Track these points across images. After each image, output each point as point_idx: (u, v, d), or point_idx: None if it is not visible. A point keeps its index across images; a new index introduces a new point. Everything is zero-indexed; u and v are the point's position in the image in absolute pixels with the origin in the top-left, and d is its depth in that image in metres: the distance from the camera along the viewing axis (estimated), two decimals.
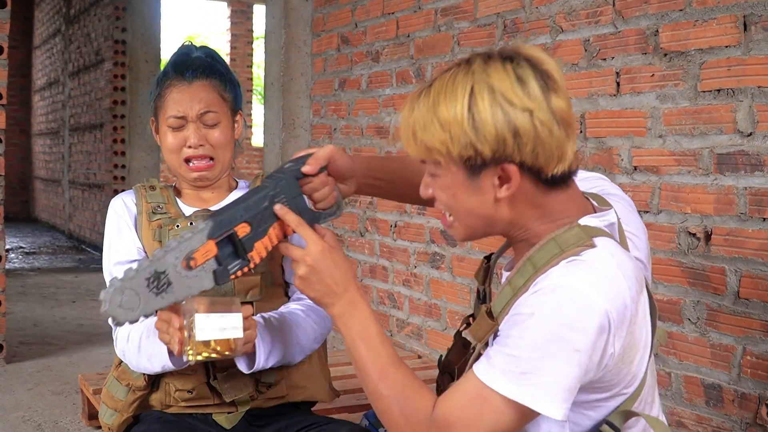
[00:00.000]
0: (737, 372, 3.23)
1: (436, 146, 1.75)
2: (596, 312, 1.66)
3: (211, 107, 2.55)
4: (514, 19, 4.33)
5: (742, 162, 3.18)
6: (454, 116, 1.71)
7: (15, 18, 6.60)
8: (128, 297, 1.89)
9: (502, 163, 1.73)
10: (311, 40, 6.40)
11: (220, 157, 2.60)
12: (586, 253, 1.73)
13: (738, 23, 3.18)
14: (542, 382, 1.66)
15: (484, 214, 1.82)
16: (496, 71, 1.72)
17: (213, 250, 1.94)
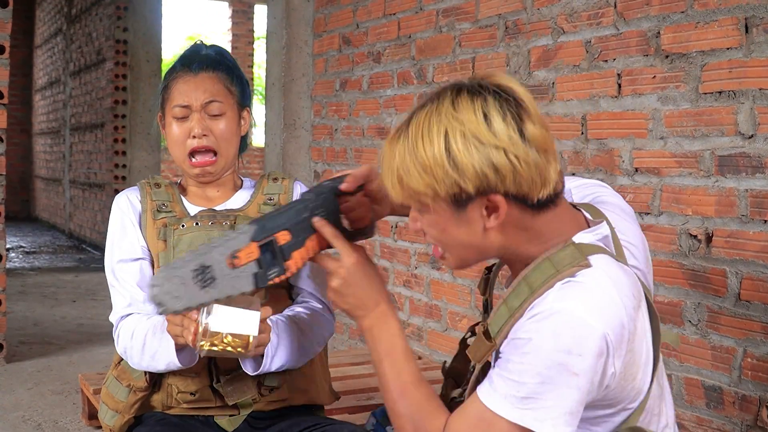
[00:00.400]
0: (738, 374, 3.23)
1: (422, 190, 1.75)
2: (594, 336, 1.66)
3: (215, 97, 2.55)
4: (515, 20, 4.34)
5: (744, 164, 3.18)
6: (434, 158, 1.71)
7: (16, 17, 6.60)
8: (176, 285, 1.90)
9: (488, 194, 1.73)
10: (312, 40, 6.40)
11: (224, 151, 2.57)
12: (581, 273, 1.73)
13: (739, 25, 3.18)
14: (544, 407, 1.67)
15: (475, 245, 1.83)
16: (464, 111, 1.72)
17: (255, 253, 1.96)
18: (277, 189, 2.66)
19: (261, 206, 2.59)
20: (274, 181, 2.69)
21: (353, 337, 5.82)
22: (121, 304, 2.53)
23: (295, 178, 2.73)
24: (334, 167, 6.06)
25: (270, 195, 2.64)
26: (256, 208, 2.59)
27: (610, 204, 2.03)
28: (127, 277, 2.53)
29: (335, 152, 6.06)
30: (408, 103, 5.22)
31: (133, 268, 2.53)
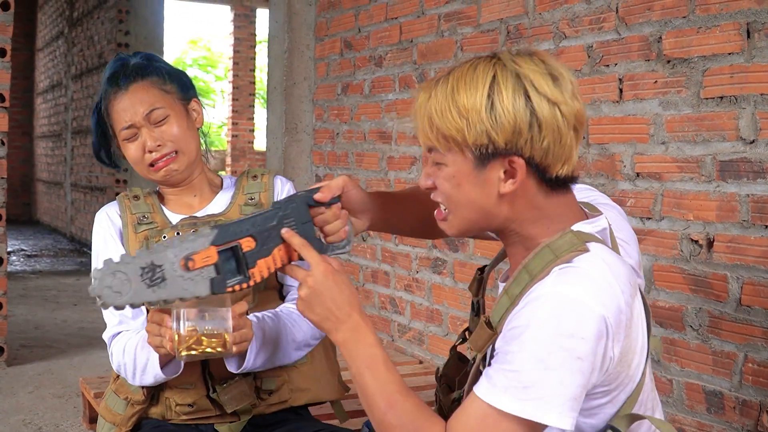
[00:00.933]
0: (738, 379, 3.23)
1: (451, 133, 1.76)
2: (594, 318, 1.66)
3: (153, 105, 2.48)
4: (517, 25, 4.34)
5: (745, 169, 3.18)
6: (473, 103, 1.73)
7: (17, 20, 6.61)
8: (119, 281, 1.86)
9: (512, 155, 1.75)
10: (314, 44, 6.41)
11: (184, 148, 2.50)
12: (578, 259, 1.73)
13: (741, 30, 3.18)
14: (547, 394, 1.65)
15: (484, 208, 1.82)
16: (525, 62, 1.77)
17: (213, 257, 1.91)
18: (257, 187, 2.61)
19: (242, 207, 2.56)
20: (253, 178, 2.64)
21: None
22: (111, 322, 2.51)
23: (275, 173, 2.69)
24: (335, 171, 6.07)
25: (250, 194, 2.59)
26: (237, 210, 2.55)
27: (607, 204, 2.05)
28: None
29: (337, 156, 6.06)
30: (410, 108, 5.21)
31: None
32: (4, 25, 5.36)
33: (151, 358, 2.30)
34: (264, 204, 2.56)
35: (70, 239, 13.50)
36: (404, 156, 5.28)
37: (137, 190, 2.64)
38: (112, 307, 1.87)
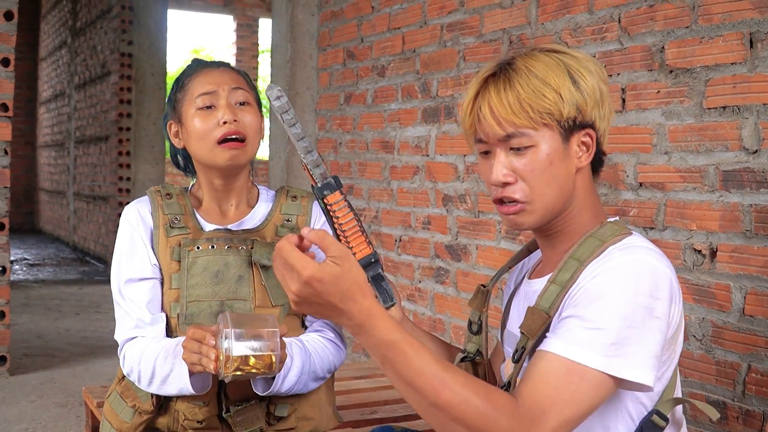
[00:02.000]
0: (742, 389, 3.23)
1: (549, 108, 1.84)
2: (666, 280, 1.76)
3: (241, 84, 2.47)
4: (519, 35, 4.34)
5: (748, 179, 3.18)
6: (562, 81, 1.86)
7: (21, 30, 6.62)
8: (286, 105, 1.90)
9: (588, 128, 1.91)
10: (317, 54, 6.41)
11: (251, 141, 2.45)
12: (629, 239, 1.84)
13: (744, 40, 3.19)
14: (633, 352, 1.69)
15: (566, 186, 1.91)
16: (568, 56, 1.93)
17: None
18: (296, 209, 2.58)
19: (278, 228, 2.52)
20: (293, 199, 2.60)
21: (356, 350, 5.82)
22: (127, 324, 2.44)
23: (314, 198, 2.54)
24: None
25: (288, 215, 2.56)
26: (273, 230, 2.52)
27: None
28: (135, 297, 2.43)
29: (339, 166, 6.07)
30: (412, 117, 5.23)
31: (143, 288, 2.44)
32: (7, 34, 5.37)
33: (177, 370, 2.26)
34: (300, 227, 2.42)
35: (73, 248, 13.50)
36: (407, 165, 5.29)
37: (170, 187, 2.56)
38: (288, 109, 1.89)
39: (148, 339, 2.40)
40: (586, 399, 1.69)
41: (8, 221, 5.45)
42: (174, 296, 2.43)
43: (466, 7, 4.75)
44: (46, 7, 16.23)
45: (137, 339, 2.42)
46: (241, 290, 2.42)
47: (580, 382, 1.68)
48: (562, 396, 1.68)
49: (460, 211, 4.82)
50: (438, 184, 5.01)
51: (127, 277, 2.45)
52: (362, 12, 5.81)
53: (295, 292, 1.64)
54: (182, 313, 2.40)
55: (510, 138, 1.88)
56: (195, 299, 2.40)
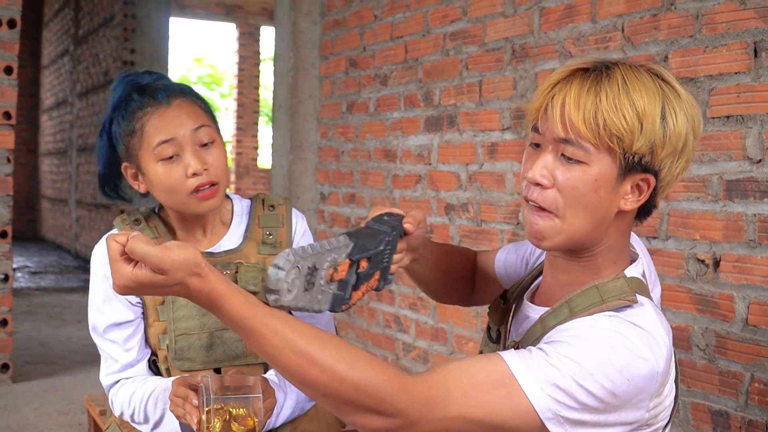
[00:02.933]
0: (745, 399, 3.22)
1: (623, 134, 1.64)
2: (647, 372, 1.61)
3: (203, 122, 2.24)
4: (522, 44, 4.34)
5: (752, 189, 3.18)
6: (651, 109, 1.65)
7: (23, 38, 6.62)
8: (293, 276, 1.66)
9: (650, 173, 1.71)
10: (319, 62, 6.42)
11: (222, 182, 2.27)
12: (632, 311, 1.69)
13: (748, 49, 3.19)
14: (567, 402, 1.58)
15: (603, 221, 1.73)
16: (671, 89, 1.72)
17: (345, 271, 1.77)
18: (274, 221, 2.44)
19: (260, 246, 2.40)
20: (270, 209, 2.46)
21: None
22: (111, 367, 2.37)
23: (290, 203, 2.51)
24: (340, 189, 6.07)
25: (268, 229, 2.42)
26: (255, 248, 2.39)
27: (636, 241, 2.01)
28: (117, 339, 2.34)
29: (341, 174, 6.07)
30: (415, 126, 5.23)
31: (124, 332, 2.34)
32: (10, 42, 5.37)
33: (168, 416, 2.21)
34: (282, 243, 2.42)
35: (75, 256, 13.50)
36: (409, 174, 5.28)
37: (136, 213, 2.40)
38: (279, 306, 1.66)
39: (133, 381, 2.34)
40: (499, 414, 1.58)
41: (11, 229, 5.46)
42: (161, 328, 2.33)
43: (468, 16, 4.76)
44: (49, 15, 16.26)
45: (121, 382, 2.36)
46: None
47: (506, 397, 1.58)
48: (478, 396, 1.59)
49: (462, 219, 4.82)
50: (440, 192, 5.00)
51: (106, 324, 2.34)
52: (365, 21, 5.81)
53: (121, 288, 1.58)
54: (172, 348, 2.31)
55: (566, 143, 1.69)
56: (183, 332, 2.31)
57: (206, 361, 2.33)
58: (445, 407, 1.58)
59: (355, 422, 1.60)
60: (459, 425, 1.59)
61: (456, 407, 1.58)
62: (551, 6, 4.15)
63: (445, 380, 1.59)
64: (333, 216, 6.17)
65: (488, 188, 4.59)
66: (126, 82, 2.31)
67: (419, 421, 1.58)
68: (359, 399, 1.56)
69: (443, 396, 1.58)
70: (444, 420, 1.58)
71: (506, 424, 1.59)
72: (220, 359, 2.34)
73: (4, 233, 5.42)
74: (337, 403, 1.58)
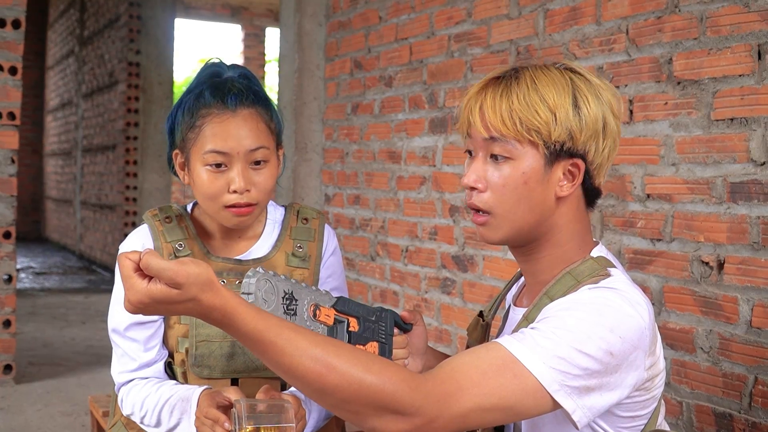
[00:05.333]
0: (748, 401, 3.22)
1: (537, 126, 1.78)
2: (635, 326, 1.69)
3: (262, 143, 2.22)
4: (527, 46, 4.34)
5: (756, 191, 3.18)
6: (561, 101, 1.79)
7: (28, 38, 6.63)
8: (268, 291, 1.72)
9: (577, 158, 1.82)
10: (324, 64, 6.42)
11: (263, 202, 2.26)
12: (607, 280, 1.76)
13: (752, 52, 3.18)
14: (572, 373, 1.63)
15: (541, 210, 1.84)
16: (585, 74, 1.87)
17: (332, 319, 1.86)
18: (306, 234, 2.40)
19: (289, 257, 2.37)
20: (303, 222, 2.42)
21: None
22: (127, 366, 2.33)
23: (325, 219, 2.48)
24: (345, 191, 6.07)
25: (299, 242, 2.39)
26: (284, 259, 2.36)
27: None
28: (139, 338, 2.31)
29: (346, 176, 6.07)
30: (419, 127, 5.23)
31: (145, 331, 2.31)
32: (14, 43, 5.38)
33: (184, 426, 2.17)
34: (312, 257, 2.39)
35: (79, 257, 13.51)
36: (414, 176, 5.29)
37: (168, 209, 2.36)
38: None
39: (148, 383, 2.31)
40: (510, 397, 1.63)
41: (15, 230, 5.46)
42: (182, 331, 2.31)
43: (473, 17, 4.76)
44: (54, 16, 16.27)
45: (135, 382, 2.32)
46: None
47: (513, 378, 1.63)
48: (488, 383, 1.62)
49: (466, 221, 4.82)
50: (445, 194, 5.00)
51: (129, 322, 2.30)
52: (370, 22, 5.81)
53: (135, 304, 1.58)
54: (192, 354, 2.28)
55: (493, 142, 1.83)
56: (205, 339, 2.28)
57: (226, 370, 2.30)
58: (459, 400, 1.61)
59: (375, 426, 1.63)
60: (477, 415, 1.63)
61: (470, 398, 1.61)
62: (556, 8, 4.15)
63: (454, 375, 1.63)
64: (338, 217, 6.17)
65: None
66: (208, 72, 2.30)
67: (438, 418, 1.61)
68: (378, 401, 1.58)
69: (456, 390, 1.61)
70: (461, 412, 1.62)
71: (519, 405, 1.64)
72: (240, 370, 2.31)
73: (8, 234, 5.42)
74: (357, 408, 1.60)
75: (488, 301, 4.54)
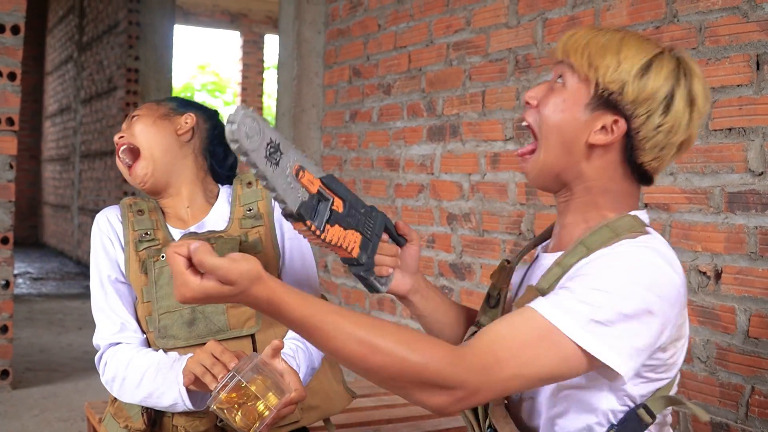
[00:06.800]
0: (745, 411, 3.22)
1: (598, 65, 1.81)
2: (671, 282, 1.70)
3: (141, 113, 2.50)
4: (525, 55, 4.35)
5: (753, 201, 3.18)
6: (633, 58, 1.80)
7: (27, 44, 6.63)
8: (253, 128, 1.68)
9: (620, 117, 1.81)
10: (323, 71, 6.43)
11: (146, 152, 2.45)
12: (645, 237, 1.77)
13: (751, 62, 3.19)
14: (615, 335, 1.64)
15: (570, 145, 1.85)
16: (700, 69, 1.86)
17: (315, 187, 1.82)
18: (254, 196, 2.50)
19: (242, 221, 2.46)
20: (248, 186, 2.53)
21: None
22: (109, 329, 2.40)
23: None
24: None
25: (248, 205, 2.49)
26: (238, 225, 2.45)
27: None
28: (118, 298, 2.40)
29: (344, 183, 6.06)
30: (417, 135, 5.23)
31: (124, 291, 2.41)
32: (13, 48, 5.38)
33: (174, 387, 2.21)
34: (263, 214, 2.48)
35: (77, 262, 13.49)
36: (411, 183, 5.29)
37: (142, 203, 2.50)
38: (243, 152, 1.66)
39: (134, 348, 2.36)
40: (549, 365, 1.64)
41: (12, 235, 5.45)
42: (147, 310, 2.37)
43: (472, 26, 4.76)
44: (53, 22, 16.28)
45: (122, 346, 2.38)
46: None
47: (551, 347, 1.64)
48: (526, 353, 1.64)
49: (464, 229, 4.82)
50: (443, 202, 5.01)
51: (108, 274, 2.41)
52: (368, 30, 5.82)
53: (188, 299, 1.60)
54: (155, 327, 2.34)
55: (560, 65, 1.89)
56: (166, 310, 2.34)
57: (189, 337, 2.34)
58: (500, 371, 1.63)
59: (420, 400, 1.66)
60: (516, 384, 1.66)
61: (509, 369, 1.63)
62: (554, 17, 4.16)
63: (492, 346, 1.64)
64: None
65: (490, 198, 4.60)
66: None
67: (480, 389, 1.63)
68: (423, 377, 1.61)
69: (495, 361, 1.63)
70: (501, 382, 1.64)
71: (557, 372, 1.66)
72: (203, 334, 2.34)
73: (5, 239, 5.42)
74: (402, 384, 1.64)
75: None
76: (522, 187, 4.39)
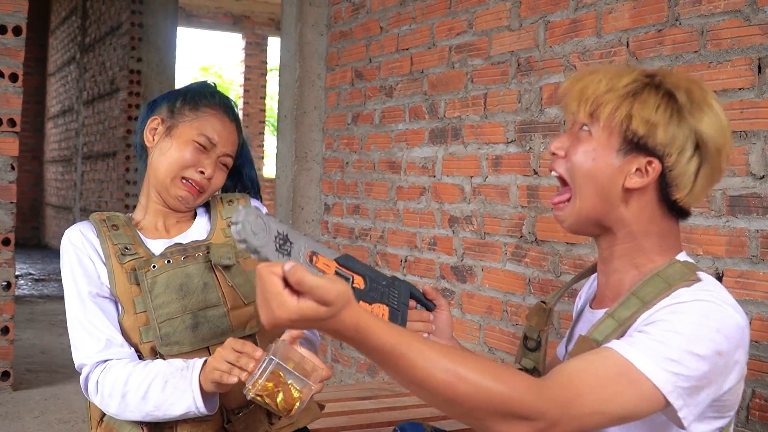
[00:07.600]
0: (746, 415, 3.22)
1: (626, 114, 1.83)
2: (738, 326, 1.73)
3: (233, 152, 2.51)
4: (527, 58, 4.35)
5: (755, 204, 3.18)
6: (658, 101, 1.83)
7: (29, 45, 6.62)
8: (259, 226, 1.67)
9: (654, 158, 1.83)
10: (325, 73, 6.43)
11: (206, 196, 2.49)
12: (699, 285, 1.78)
13: (752, 65, 3.19)
14: (684, 374, 1.67)
15: (606, 192, 1.87)
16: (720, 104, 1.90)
17: (332, 270, 1.82)
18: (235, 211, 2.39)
19: (225, 230, 2.49)
20: (229, 203, 2.58)
21: (360, 370, 5.81)
22: (93, 347, 2.31)
23: (248, 198, 2.63)
24: (344, 200, 6.07)
25: (229, 219, 2.49)
26: (221, 234, 2.48)
27: None
28: (101, 313, 2.34)
29: (346, 185, 6.07)
30: (419, 138, 5.23)
31: (107, 305, 2.35)
32: (15, 50, 5.39)
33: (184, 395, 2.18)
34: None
35: None
36: (413, 186, 5.29)
37: (114, 218, 2.46)
38: (253, 249, 1.65)
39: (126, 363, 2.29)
40: (628, 405, 1.67)
41: (14, 236, 5.46)
42: (142, 320, 2.33)
43: (474, 29, 4.76)
44: (55, 23, 16.30)
45: (113, 361, 2.30)
46: (210, 297, 2.36)
47: (630, 386, 1.66)
48: (606, 390, 1.66)
49: (466, 232, 4.82)
50: (444, 205, 5.00)
51: (89, 289, 2.36)
52: (371, 32, 5.82)
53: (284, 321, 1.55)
54: (157, 335, 2.30)
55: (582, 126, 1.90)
56: (167, 318, 2.31)
57: (194, 341, 2.33)
58: (580, 406, 1.65)
59: (501, 430, 1.66)
60: (595, 420, 1.67)
61: (590, 404, 1.65)
62: (556, 20, 4.16)
63: (572, 381, 1.67)
64: (337, 227, 6.17)
65: (492, 201, 4.59)
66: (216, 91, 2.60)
67: (560, 422, 1.65)
68: (506, 407, 1.62)
69: (576, 395, 1.65)
70: (581, 417, 1.66)
71: (636, 410, 1.69)
72: (208, 338, 2.35)
73: (7, 240, 5.42)
74: (485, 415, 1.64)
75: (487, 313, 4.54)
76: (524, 190, 4.38)
